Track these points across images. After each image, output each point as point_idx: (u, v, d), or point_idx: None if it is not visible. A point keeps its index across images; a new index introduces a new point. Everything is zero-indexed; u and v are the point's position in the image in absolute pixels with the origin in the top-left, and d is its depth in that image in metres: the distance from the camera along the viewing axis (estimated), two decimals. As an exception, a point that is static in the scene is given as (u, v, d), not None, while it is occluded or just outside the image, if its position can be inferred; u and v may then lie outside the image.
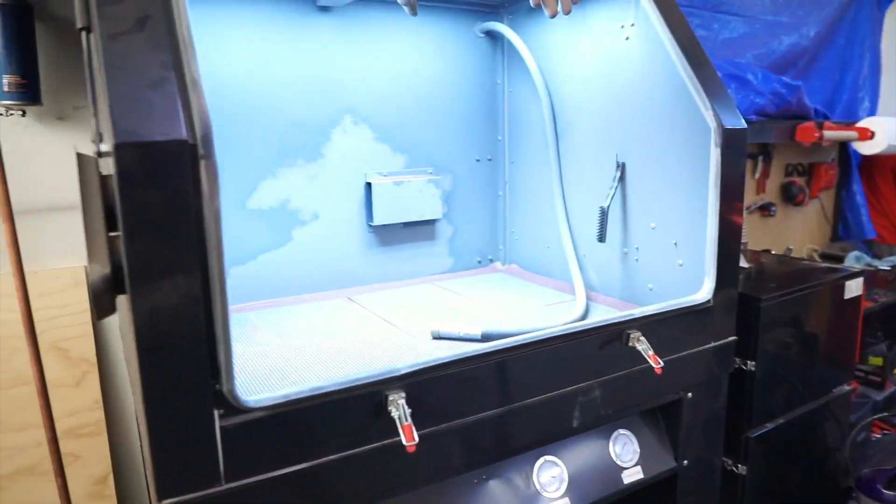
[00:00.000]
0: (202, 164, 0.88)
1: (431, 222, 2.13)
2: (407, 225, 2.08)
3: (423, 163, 2.09)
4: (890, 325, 2.86)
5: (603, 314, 1.74)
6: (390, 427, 1.05)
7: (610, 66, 1.76)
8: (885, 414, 2.46)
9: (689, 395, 1.53)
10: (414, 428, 1.03)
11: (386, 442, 1.07)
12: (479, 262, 2.27)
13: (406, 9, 1.40)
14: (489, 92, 2.19)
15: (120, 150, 0.83)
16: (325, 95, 1.88)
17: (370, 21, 1.92)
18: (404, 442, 1.02)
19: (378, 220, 1.98)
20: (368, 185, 1.97)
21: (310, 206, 1.91)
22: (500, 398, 1.21)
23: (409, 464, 1.10)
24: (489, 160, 2.23)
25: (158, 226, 0.86)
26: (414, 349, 1.48)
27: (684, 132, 1.55)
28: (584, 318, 1.68)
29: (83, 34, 0.92)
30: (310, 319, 1.73)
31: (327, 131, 1.91)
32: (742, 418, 1.79)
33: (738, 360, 1.76)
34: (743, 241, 2.22)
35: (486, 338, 1.54)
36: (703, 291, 1.49)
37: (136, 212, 0.85)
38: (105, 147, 0.84)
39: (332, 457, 1.03)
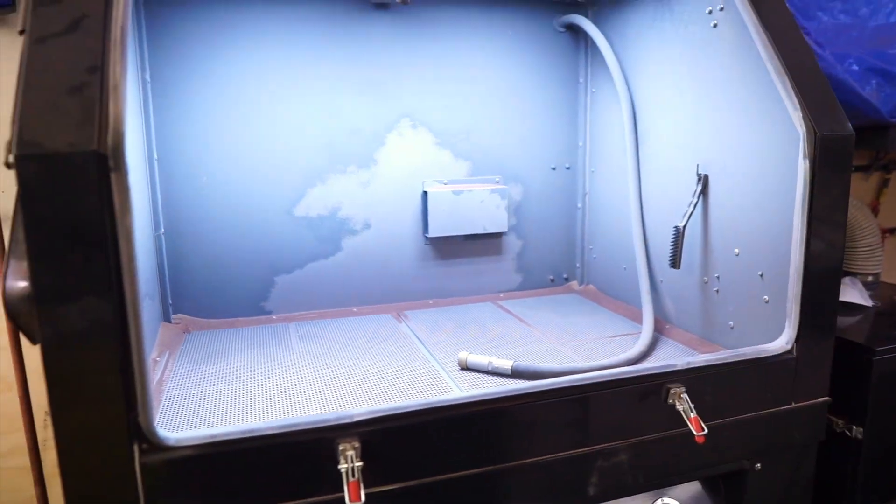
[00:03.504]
0: (112, 176, 0.79)
1: (496, 235, 1.96)
2: (469, 237, 1.92)
3: (490, 170, 1.93)
4: None
5: (669, 355, 1.48)
6: (341, 480, 0.91)
7: (695, 59, 1.49)
8: None
9: (758, 465, 1.24)
10: (362, 485, 0.89)
11: (335, 496, 0.93)
12: (553, 280, 2.06)
13: None
14: (570, 93, 1.97)
15: (21, 161, 0.76)
16: (380, 98, 1.78)
17: (432, 17, 1.79)
18: (347, 501, 0.88)
19: (434, 231, 1.84)
20: (425, 193, 1.84)
21: (361, 214, 1.81)
22: (486, 456, 1.02)
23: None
24: (567, 168, 2.01)
25: (65, 243, 0.79)
26: (434, 382, 1.32)
27: (773, 140, 1.26)
28: (640, 359, 1.44)
29: (22, 37, 0.88)
30: (345, 336, 1.63)
31: (382, 136, 1.80)
32: (843, 494, 1.44)
33: (840, 423, 1.42)
34: (873, 272, 1.83)
35: (516, 373, 1.36)
36: (781, 339, 1.20)
37: (40, 228, 0.78)
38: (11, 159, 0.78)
39: (271, 506, 0.92)
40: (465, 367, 1.41)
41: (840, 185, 1.18)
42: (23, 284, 0.83)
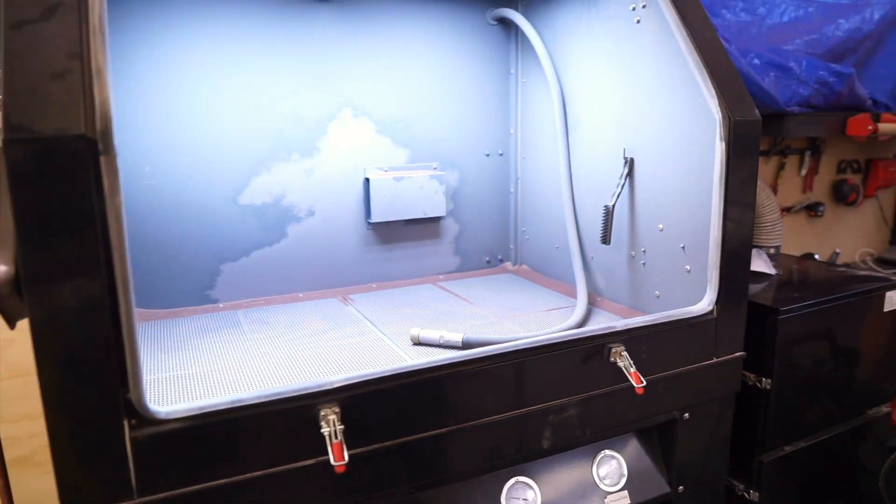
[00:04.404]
0: (102, 160, 0.82)
1: (435, 220, 2.04)
2: (409, 222, 2.00)
3: (428, 158, 2.01)
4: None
5: (602, 323, 1.61)
6: (323, 444, 0.97)
7: (620, 52, 1.63)
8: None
9: (686, 415, 1.39)
10: (345, 446, 0.96)
11: (318, 460, 0.99)
12: (489, 262, 2.17)
13: None
14: (501, 83, 2.08)
15: (9, 145, 0.78)
16: (322, 88, 1.82)
17: (372, 10, 1.84)
18: (332, 462, 0.94)
19: (376, 216, 1.90)
20: (367, 180, 1.90)
21: (305, 202, 1.85)
22: (453, 416, 1.11)
23: (342, 484, 1.02)
24: (500, 155, 2.12)
25: (55, 225, 0.81)
26: (390, 355, 1.40)
27: (692, 125, 1.41)
28: (578, 327, 1.56)
29: (-7, 23, 0.88)
30: (296, 320, 1.67)
31: (324, 125, 1.84)
32: (755, 440, 1.63)
33: (752, 376, 1.60)
34: (775, 244, 2.04)
35: (466, 345, 1.45)
36: (703, 302, 1.36)
37: (29, 210, 0.80)
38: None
39: (255, 473, 0.97)
40: (418, 342, 1.49)
41: (750, 164, 1.34)
42: (4, 269, 0.84)
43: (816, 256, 2.40)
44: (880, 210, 3.10)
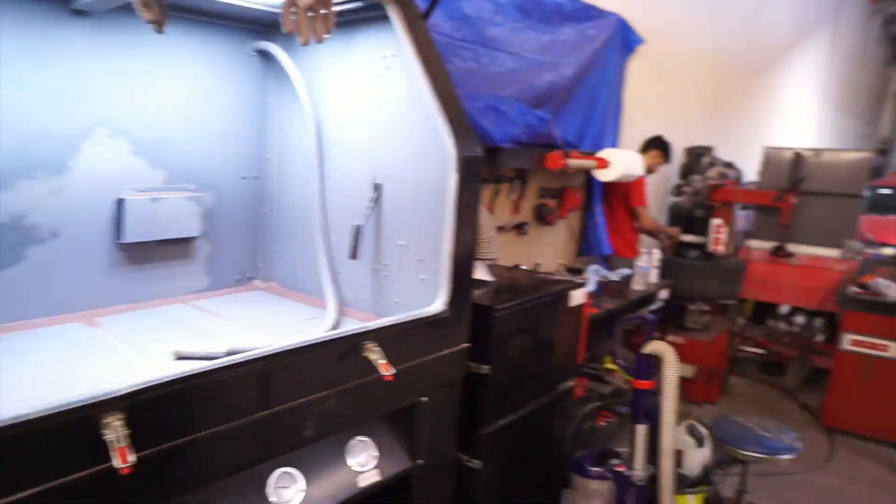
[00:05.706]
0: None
1: (188, 240, 2.09)
2: (161, 243, 2.01)
3: (185, 179, 2.06)
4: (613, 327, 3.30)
5: (352, 327, 1.84)
6: (107, 451, 1.04)
7: (373, 92, 1.88)
8: (599, 403, 2.86)
9: (425, 399, 1.68)
10: (129, 450, 1.04)
11: (103, 466, 1.06)
12: (238, 280, 2.26)
13: (153, 27, 1.38)
14: (258, 111, 2.21)
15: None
16: (75, 104, 1.77)
17: (132, 30, 1.82)
18: (116, 465, 1.02)
19: (129, 237, 1.90)
20: (121, 201, 1.90)
21: (50, 223, 1.77)
22: (231, 413, 1.25)
23: (128, 487, 1.09)
24: (256, 178, 2.25)
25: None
26: (152, 371, 1.46)
27: (431, 158, 1.70)
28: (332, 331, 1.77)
29: None
30: (35, 347, 1.61)
31: (77, 143, 1.80)
32: (477, 417, 1.99)
33: (474, 364, 1.96)
34: (492, 257, 2.46)
35: (230, 356, 1.57)
36: (438, 303, 1.66)
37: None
38: None
39: (34, 489, 1.00)
40: (181, 357, 1.55)
41: (473, 190, 1.68)
42: None
43: (523, 266, 2.91)
44: (570, 228, 3.85)
